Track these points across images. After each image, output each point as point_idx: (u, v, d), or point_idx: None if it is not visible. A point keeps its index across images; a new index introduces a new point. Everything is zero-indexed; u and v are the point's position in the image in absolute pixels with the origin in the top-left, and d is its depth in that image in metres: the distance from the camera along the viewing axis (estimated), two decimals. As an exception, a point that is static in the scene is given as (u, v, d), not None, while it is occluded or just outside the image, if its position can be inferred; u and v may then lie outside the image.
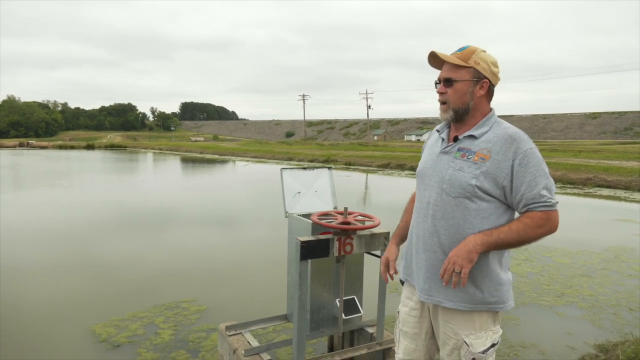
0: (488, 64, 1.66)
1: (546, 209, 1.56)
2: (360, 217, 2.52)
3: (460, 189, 1.62)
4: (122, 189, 14.02)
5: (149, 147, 53.62)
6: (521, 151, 1.57)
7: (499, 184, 1.59)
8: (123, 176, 18.49)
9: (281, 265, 4.30)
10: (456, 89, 1.66)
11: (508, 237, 1.57)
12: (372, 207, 11.00)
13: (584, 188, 14.40)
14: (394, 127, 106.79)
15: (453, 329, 1.69)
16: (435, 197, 1.69)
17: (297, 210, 3.07)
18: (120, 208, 10.31)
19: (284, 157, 30.76)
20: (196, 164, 27.76)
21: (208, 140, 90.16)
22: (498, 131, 1.63)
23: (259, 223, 8.73)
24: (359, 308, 2.87)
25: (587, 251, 6.42)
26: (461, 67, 1.65)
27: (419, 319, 1.81)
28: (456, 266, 1.56)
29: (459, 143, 1.68)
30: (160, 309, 4.28)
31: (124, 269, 5.59)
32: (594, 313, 4.20)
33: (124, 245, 6.73)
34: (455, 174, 1.64)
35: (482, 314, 1.66)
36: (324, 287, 2.83)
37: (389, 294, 4.51)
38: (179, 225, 8.39)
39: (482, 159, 1.60)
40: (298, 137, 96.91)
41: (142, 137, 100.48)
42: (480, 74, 1.66)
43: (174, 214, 9.69)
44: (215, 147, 43.54)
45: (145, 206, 10.64)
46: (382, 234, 2.47)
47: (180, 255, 6.24)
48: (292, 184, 3.14)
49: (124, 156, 35.94)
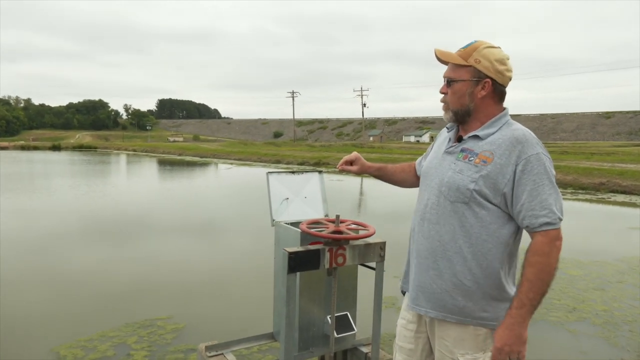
0: (491, 61, 1.63)
1: (547, 229, 1.52)
2: (353, 225, 2.51)
3: (458, 192, 1.62)
4: (90, 194, 13.88)
5: (122, 148, 53.27)
6: (525, 156, 1.55)
7: (499, 190, 1.57)
8: (92, 180, 18.33)
9: (267, 278, 4.27)
10: (454, 90, 1.67)
11: (534, 289, 1.52)
12: (367, 214, 11.02)
13: (597, 194, 14.57)
14: (392, 127, 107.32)
15: (448, 347, 1.68)
16: (433, 199, 1.70)
17: (284, 218, 3.06)
18: (88, 216, 10.20)
19: (271, 160, 30.72)
20: (174, 167, 27.61)
21: (188, 140, 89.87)
22: (505, 133, 1.62)
23: (243, 232, 8.69)
24: (352, 325, 2.85)
25: (601, 262, 6.48)
26: (461, 66, 1.65)
27: (415, 333, 1.81)
28: (511, 355, 1.54)
29: (463, 143, 1.69)
30: (132, 327, 4.23)
31: (92, 283, 5.52)
32: (609, 330, 4.23)
33: (92, 257, 6.66)
34: (454, 176, 1.64)
35: (480, 330, 1.64)
36: (313, 302, 2.82)
37: (385, 310, 4.51)
38: (153, 234, 8.32)
39: (483, 162, 1.59)
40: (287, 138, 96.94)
41: (114, 137, 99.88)
42: (481, 74, 1.64)
43: (148, 222, 9.61)
44: (195, 149, 43.39)
45: (116, 214, 10.55)
46: (377, 244, 2.46)
47: (155, 267, 6.19)
48: (279, 189, 3.13)
49: (94, 158, 35.64)
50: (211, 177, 22.25)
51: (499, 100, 1.69)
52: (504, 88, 1.68)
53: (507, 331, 1.54)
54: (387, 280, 2.73)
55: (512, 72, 1.68)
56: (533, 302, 1.53)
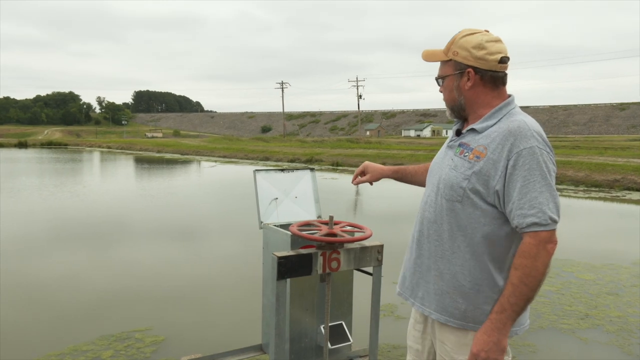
0: (468, 50, 1.65)
1: (535, 230, 1.50)
2: (348, 227, 2.52)
3: (452, 190, 1.66)
4: (60, 195, 13.79)
5: (95, 145, 52.93)
6: (517, 150, 1.54)
7: (491, 187, 1.58)
8: (62, 180, 18.21)
9: (255, 285, 4.27)
10: (445, 87, 1.76)
11: (517, 293, 1.52)
12: (363, 215, 11.05)
13: (611, 191, 14.70)
14: (390, 121, 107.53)
15: (448, 351, 1.73)
16: (432, 197, 1.76)
17: (273, 220, 3.07)
18: (58, 219, 10.13)
19: (259, 157, 30.68)
20: (153, 165, 27.49)
21: (167, 136, 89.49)
22: (503, 124, 1.62)
23: (228, 235, 8.67)
24: (347, 335, 2.87)
25: (614, 265, 6.55)
26: (445, 62, 1.74)
27: (422, 334, 1.88)
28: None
29: (462, 138, 1.73)
30: (108, 340, 4.21)
31: (63, 292, 5.49)
32: (623, 338, 4.28)
33: (63, 264, 6.61)
34: (450, 173, 1.69)
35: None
36: (305, 311, 2.83)
37: (383, 318, 4.53)
38: (130, 238, 8.28)
39: (477, 158, 1.62)
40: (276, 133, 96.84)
41: (86, 133, 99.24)
42: (462, 65, 1.68)
43: (124, 225, 9.56)
44: (176, 145, 43.20)
45: (89, 216, 10.48)
46: (374, 247, 2.47)
47: (132, 275, 6.16)
48: (267, 188, 3.13)
49: (65, 156, 35.38)
50: (193, 176, 22.17)
51: (493, 87, 1.69)
52: (496, 73, 1.67)
53: (484, 336, 1.56)
54: (385, 287, 2.75)
55: (498, 54, 1.65)
56: (515, 307, 1.53)
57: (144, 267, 6.50)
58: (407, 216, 10.51)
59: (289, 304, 2.74)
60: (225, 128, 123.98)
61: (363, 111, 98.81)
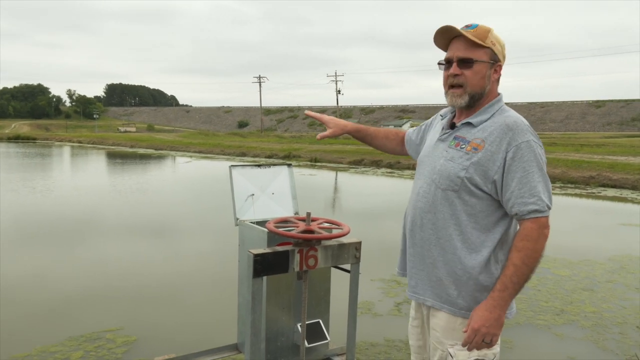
0: (502, 46, 1.79)
1: (536, 216, 1.66)
2: (326, 224, 2.51)
3: (449, 180, 1.74)
4: (27, 191, 13.49)
5: (66, 140, 51.96)
6: (516, 143, 1.68)
7: (489, 177, 1.70)
8: (30, 175, 17.82)
9: (230, 283, 4.24)
10: (476, 71, 1.76)
11: (519, 273, 1.65)
12: (342, 212, 11.07)
13: (587, 188, 15.03)
14: (369, 117, 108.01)
15: (438, 337, 1.82)
16: (425, 188, 1.83)
17: (249, 217, 3.04)
18: (24, 215, 9.93)
19: (235, 152, 30.50)
20: (126, 160, 27.10)
21: (141, 130, 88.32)
22: (498, 119, 1.75)
23: (203, 232, 8.61)
24: (325, 334, 2.87)
25: (590, 261, 6.70)
26: (479, 46, 1.74)
27: (420, 329, 1.96)
28: (486, 337, 1.66)
29: (456, 131, 1.81)
30: (77, 341, 4.14)
31: (30, 291, 5.37)
32: (598, 333, 4.38)
33: (29, 262, 6.48)
34: (446, 164, 1.77)
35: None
36: (282, 309, 2.82)
37: (361, 316, 4.55)
38: (100, 236, 8.15)
39: (474, 149, 1.72)
40: (253, 128, 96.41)
41: (56, 127, 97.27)
42: (496, 57, 1.77)
43: (95, 222, 9.42)
44: (150, 140, 42.69)
45: (57, 213, 10.31)
46: (352, 244, 2.47)
47: (103, 273, 6.07)
48: (243, 184, 3.11)
49: (33, 150, 34.64)
50: (168, 171, 21.93)
51: (497, 87, 1.84)
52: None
53: (486, 312, 1.66)
54: (363, 284, 2.76)
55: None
56: (516, 286, 1.66)
57: (115, 266, 6.40)
58: (385, 213, 10.58)
59: (265, 302, 2.73)
60: (201, 123, 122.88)
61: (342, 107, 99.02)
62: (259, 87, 76.17)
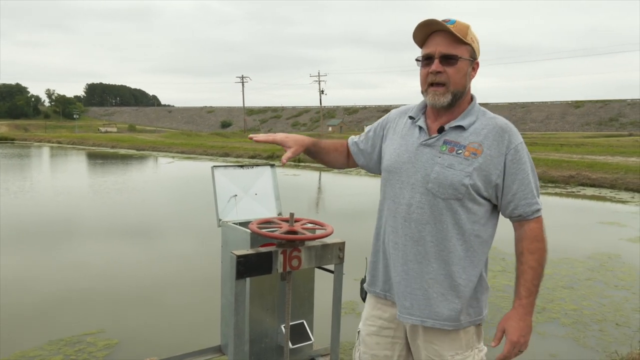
0: (478, 43, 1.73)
1: (538, 215, 1.70)
2: (309, 224, 2.50)
3: (452, 189, 1.65)
4: (4, 192, 13.25)
5: (45, 140, 51.15)
6: (513, 145, 1.67)
7: (491, 182, 1.67)
8: (7, 176, 17.50)
9: (213, 285, 4.21)
10: (459, 68, 1.66)
11: (537, 275, 1.68)
12: (326, 212, 11.08)
13: (567, 187, 15.26)
14: (352, 117, 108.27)
15: (437, 350, 1.74)
16: (419, 198, 1.70)
17: (232, 218, 3.03)
18: (1, 217, 9.74)
19: (218, 153, 30.32)
20: (106, 160, 26.78)
21: (122, 131, 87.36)
22: (485, 121, 1.70)
23: (185, 233, 8.54)
24: (309, 335, 2.87)
25: (570, 259, 6.80)
26: (461, 42, 1.66)
27: (392, 339, 1.84)
28: (523, 346, 1.68)
29: (445, 135, 1.70)
30: (57, 345, 4.08)
31: (8, 295, 5.27)
32: (578, 330, 4.45)
33: (7, 265, 6.36)
34: (444, 171, 1.66)
35: (468, 329, 1.75)
36: (266, 310, 2.81)
37: (345, 316, 4.55)
38: (80, 238, 8.05)
39: (473, 155, 1.65)
40: (236, 128, 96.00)
41: (35, 127, 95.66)
42: (475, 54, 1.72)
43: (74, 223, 9.30)
44: (131, 140, 42.24)
45: (36, 214, 10.15)
46: (336, 244, 2.47)
47: (82, 275, 5.99)
48: (226, 185, 3.09)
49: (11, 151, 34.02)
50: (149, 172, 21.72)
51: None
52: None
53: (521, 322, 1.66)
54: (347, 284, 2.75)
55: None
56: (537, 288, 1.68)
57: (95, 268, 6.32)
58: (369, 213, 10.59)
59: (249, 303, 2.71)
60: (183, 123, 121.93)
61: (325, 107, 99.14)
62: (242, 87, 75.87)
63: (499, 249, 7.15)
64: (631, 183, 14.73)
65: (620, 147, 28.50)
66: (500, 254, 6.87)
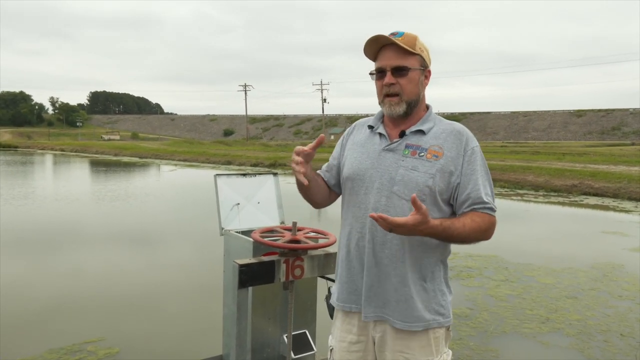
0: (428, 52, 1.81)
1: (492, 213, 1.73)
2: (312, 233, 2.50)
3: (417, 190, 1.69)
4: (7, 199, 13.27)
5: (48, 148, 51.37)
6: (470, 147, 1.75)
7: (452, 182, 1.73)
8: (11, 183, 17.54)
9: (215, 294, 4.20)
10: (410, 78, 1.75)
11: (456, 232, 1.66)
12: (328, 221, 11.05)
13: (569, 196, 15.22)
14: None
15: (408, 358, 1.75)
16: (385, 201, 1.74)
17: (235, 226, 3.02)
18: (3, 224, 9.75)
19: (221, 161, 30.39)
20: (109, 168, 26.84)
21: (125, 139, 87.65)
22: (443, 126, 1.80)
23: (188, 242, 8.53)
24: (311, 344, 2.85)
25: (573, 269, 6.76)
26: (410, 54, 1.74)
27: (363, 353, 1.84)
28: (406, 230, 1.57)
29: (406, 139, 1.78)
30: (57, 353, 4.06)
31: (8, 302, 5.26)
32: (583, 341, 4.41)
33: (8, 272, 6.36)
34: (408, 173, 1.72)
35: (437, 331, 1.77)
36: (268, 320, 2.79)
37: (348, 326, 4.52)
38: (82, 245, 8.04)
39: (435, 157, 1.73)
40: (238, 136, 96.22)
41: (38, 135, 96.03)
42: (425, 63, 1.79)
43: (76, 231, 9.31)
44: (134, 148, 42.39)
45: (38, 221, 10.16)
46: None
47: (84, 282, 5.97)
48: (229, 193, 3.08)
49: (14, 158, 34.15)
50: (152, 180, 21.74)
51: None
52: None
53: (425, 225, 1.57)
54: (350, 294, 2.74)
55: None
56: (446, 230, 1.64)
57: (96, 275, 6.30)
58: (372, 221, 10.58)
59: (251, 313, 2.70)
60: (186, 131, 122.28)
61: (327, 115, 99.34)
62: (244, 96, 76.09)
63: (501, 258, 7.13)
64: (634, 192, 14.69)
65: (623, 156, 28.43)
66: (503, 264, 6.83)
